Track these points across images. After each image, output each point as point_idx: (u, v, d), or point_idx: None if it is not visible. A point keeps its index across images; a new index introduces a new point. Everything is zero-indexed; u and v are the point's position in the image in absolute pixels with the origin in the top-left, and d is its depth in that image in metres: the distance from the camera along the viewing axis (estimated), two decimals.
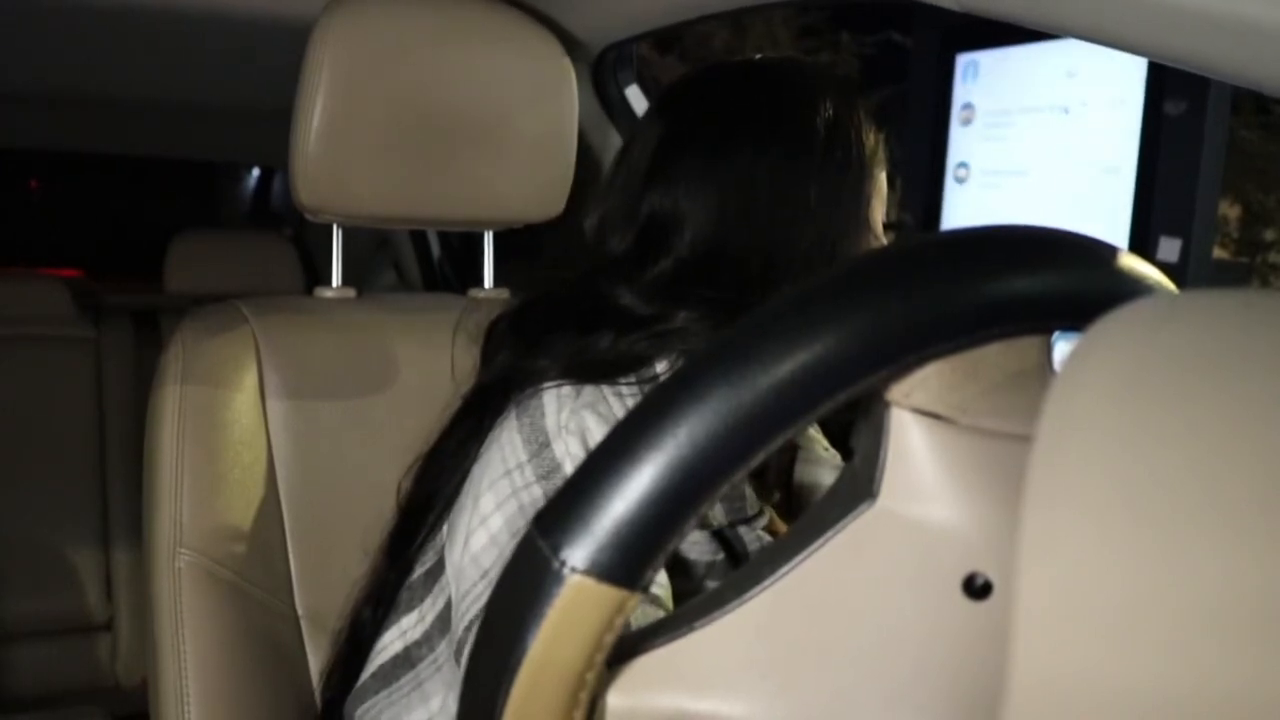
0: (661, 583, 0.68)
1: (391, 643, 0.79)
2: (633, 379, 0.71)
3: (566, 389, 0.71)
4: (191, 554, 0.85)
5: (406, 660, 0.78)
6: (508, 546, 0.69)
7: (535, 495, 0.69)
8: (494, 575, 0.69)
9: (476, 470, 0.74)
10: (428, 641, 0.77)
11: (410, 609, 0.79)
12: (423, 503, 0.79)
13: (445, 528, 0.77)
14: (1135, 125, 2.24)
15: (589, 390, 0.71)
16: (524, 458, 0.70)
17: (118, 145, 2.17)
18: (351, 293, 1.02)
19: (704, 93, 0.80)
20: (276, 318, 0.95)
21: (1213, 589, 0.20)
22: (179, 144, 2.15)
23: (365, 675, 0.81)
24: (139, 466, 0.90)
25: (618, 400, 0.71)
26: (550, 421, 0.70)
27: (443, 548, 0.76)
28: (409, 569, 0.80)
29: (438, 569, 0.77)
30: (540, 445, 0.70)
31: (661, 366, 0.72)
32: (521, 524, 0.69)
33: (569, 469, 0.68)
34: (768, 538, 0.75)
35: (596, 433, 0.69)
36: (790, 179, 0.74)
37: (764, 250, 0.73)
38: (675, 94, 0.82)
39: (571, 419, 0.69)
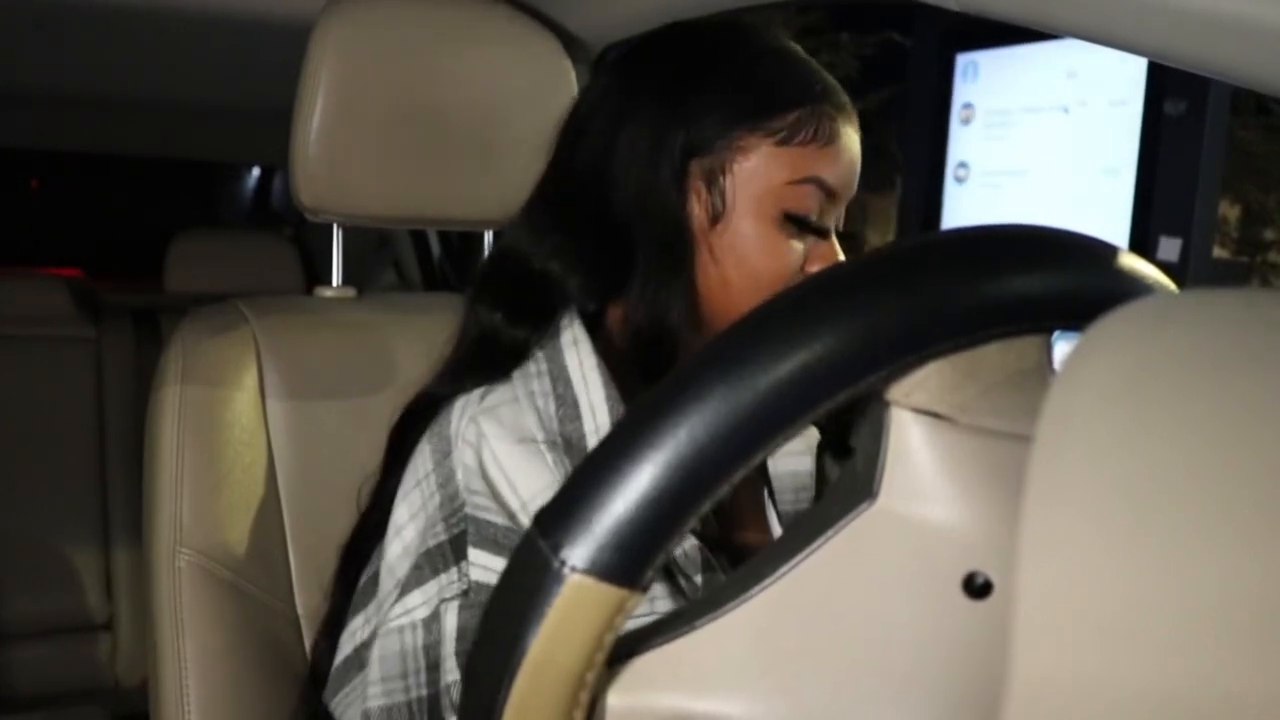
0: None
1: (343, 645, 0.78)
2: (531, 370, 0.69)
3: (475, 393, 0.69)
4: (191, 554, 0.85)
5: (357, 662, 0.77)
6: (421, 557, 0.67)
7: (439, 504, 0.67)
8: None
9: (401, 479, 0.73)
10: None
11: (357, 612, 0.77)
12: (372, 508, 0.78)
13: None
14: (1135, 125, 2.24)
15: (499, 391, 0.69)
16: (430, 467, 0.69)
17: (118, 145, 2.17)
18: (351, 292, 1.02)
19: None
20: (276, 318, 0.95)
21: (1213, 589, 0.20)
22: (179, 144, 2.15)
23: (330, 675, 0.80)
24: (139, 466, 0.90)
25: (528, 400, 0.68)
26: (452, 429, 0.68)
27: None
28: (360, 574, 0.79)
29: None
30: (443, 454, 0.68)
31: (539, 354, 0.70)
32: (431, 535, 0.67)
33: (460, 478, 0.67)
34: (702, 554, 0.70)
35: (492, 439, 0.66)
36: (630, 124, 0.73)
37: (599, 177, 0.73)
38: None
39: (469, 427, 0.67)
